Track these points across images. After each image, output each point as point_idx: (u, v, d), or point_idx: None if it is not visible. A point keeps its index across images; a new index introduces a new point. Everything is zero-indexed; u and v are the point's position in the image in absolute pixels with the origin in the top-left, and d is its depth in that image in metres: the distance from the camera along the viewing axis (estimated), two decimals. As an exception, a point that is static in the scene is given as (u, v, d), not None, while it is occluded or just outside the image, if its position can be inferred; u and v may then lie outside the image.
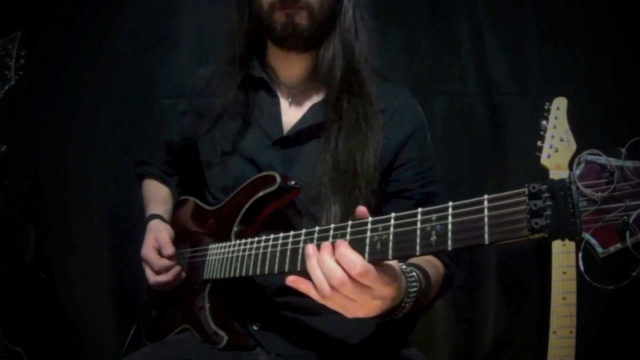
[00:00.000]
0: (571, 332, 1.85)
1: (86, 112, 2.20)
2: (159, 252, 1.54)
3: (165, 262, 1.53)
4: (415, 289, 1.14)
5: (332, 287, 1.00)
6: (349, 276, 0.98)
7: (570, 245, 1.86)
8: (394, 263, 1.04)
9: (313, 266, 1.04)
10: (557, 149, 1.92)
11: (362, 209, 1.06)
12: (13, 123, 2.10)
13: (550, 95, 1.97)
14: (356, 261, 0.97)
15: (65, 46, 2.21)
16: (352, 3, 1.50)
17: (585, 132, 1.98)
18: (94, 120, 2.20)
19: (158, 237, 1.57)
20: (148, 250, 1.55)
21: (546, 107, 1.95)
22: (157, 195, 1.77)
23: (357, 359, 1.45)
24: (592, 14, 2.12)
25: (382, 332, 1.52)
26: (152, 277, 1.54)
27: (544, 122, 1.94)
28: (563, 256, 1.87)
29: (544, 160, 1.93)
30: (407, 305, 1.13)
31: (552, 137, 1.93)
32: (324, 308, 1.50)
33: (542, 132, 1.94)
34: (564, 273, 1.86)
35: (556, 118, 1.94)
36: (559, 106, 1.94)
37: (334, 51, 1.48)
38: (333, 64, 1.48)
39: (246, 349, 1.47)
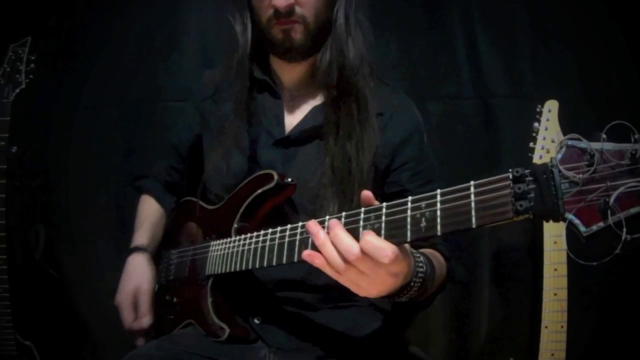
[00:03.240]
0: (562, 326, 1.85)
1: (94, 114, 2.20)
2: (135, 309, 1.58)
3: (139, 326, 1.57)
4: (422, 269, 1.12)
5: (347, 262, 0.97)
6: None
7: (561, 242, 1.85)
8: None
9: (324, 243, 1.00)
10: (549, 149, 1.92)
11: (366, 192, 1.05)
12: (24, 125, 2.09)
13: (542, 98, 1.97)
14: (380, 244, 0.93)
15: (74, 51, 2.21)
16: (344, 8, 1.49)
17: (577, 132, 1.97)
18: (101, 122, 2.20)
19: (139, 292, 1.60)
20: (124, 299, 1.59)
21: (538, 109, 1.95)
22: (148, 220, 1.75)
23: (356, 354, 1.44)
24: (585, 17, 2.11)
25: (380, 328, 1.53)
26: (126, 324, 1.57)
27: (536, 124, 1.94)
28: (554, 253, 1.87)
29: (535, 161, 1.92)
30: (415, 285, 1.10)
31: (544, 138, 1.93)
32: (323, 303, 1.52)
33: (534, 134, 1.94)
34: (555, 270, 1.86)
35: (547, 120, 1.94)
36: (550, 109, 1.94)
37: (330, 57, 1.48)
38: (329, 69, 1.48)
39: (248, 342, 1.47)
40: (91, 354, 2.15)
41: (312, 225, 1.04)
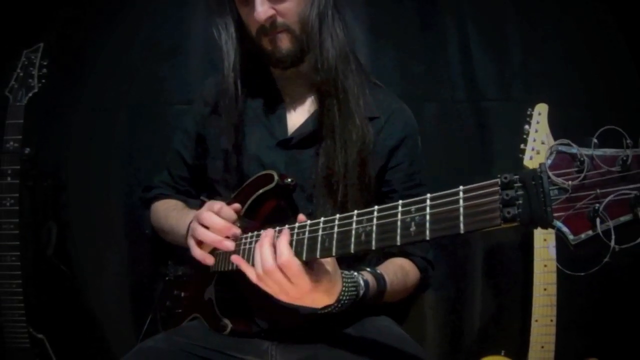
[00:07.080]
0: (551, 320, 1.83)
1: (102, 116, 2.17)
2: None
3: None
4: (347, 297, 1.20)
5: (264, 270, 1.11)
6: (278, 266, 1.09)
7: (551, 239, 1.83)
8: (332, 270, 1.13)
9: (256, 248, 1.15)
10: (539, 151, 1.90)
11: (300, 217, 1.17)
12: (36, 127, 2.09)
13: (532, 101, 1.94)
14: (284, 253, 1.08)
15: (84, 56, 2.18)
16: (317, 5, 1.44)
17: (566, 135, 1.93)
18: (109, 124, 2.18)
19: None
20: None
21: (529, 112, 1.93)
22: (181, 207, 1.69)
23: (356, 346, 1.42)
24: (577, 21, 2.08)
25: (379, 320, 1.54)
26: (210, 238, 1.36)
27: (526, 127, 1.92)
28: (544, 250, 1.85)
29: (526, 162, 1.90)
30: (336, 310, 1.21)
31: (534, 140, 1.91)
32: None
33: (524, 136, 1.92)
34: (545, 266, 1.84)
35: (538, 123, 1.92)
36: (540, 112, 1.92)
37: (315, 61, 1.46)
38: (314, 75, 1.46)
39: (250, 336, 1.46)
40: (101, 346, 2.12)
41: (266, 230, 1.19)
